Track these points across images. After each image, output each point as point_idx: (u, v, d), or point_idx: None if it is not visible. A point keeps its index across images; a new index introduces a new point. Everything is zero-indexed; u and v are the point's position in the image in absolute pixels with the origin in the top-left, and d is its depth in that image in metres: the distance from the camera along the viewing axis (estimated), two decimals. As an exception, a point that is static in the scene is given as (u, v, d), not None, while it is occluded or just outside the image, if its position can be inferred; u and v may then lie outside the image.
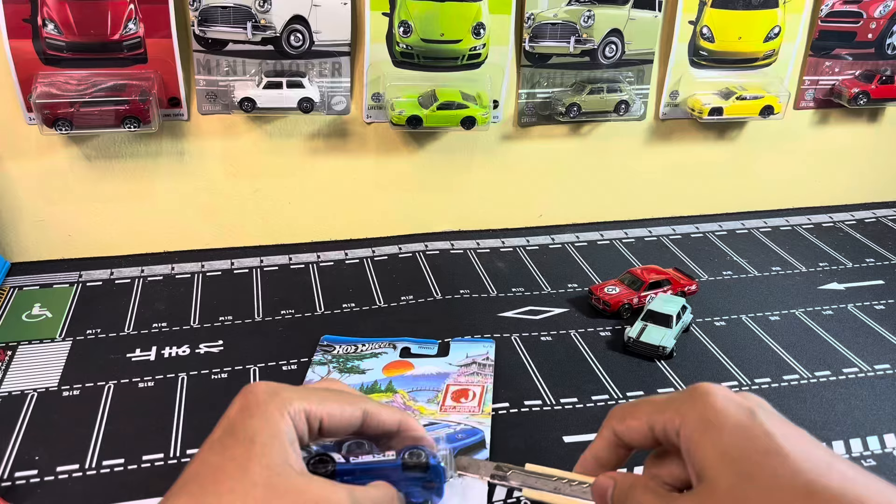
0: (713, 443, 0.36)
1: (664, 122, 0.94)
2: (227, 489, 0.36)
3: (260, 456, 0.37)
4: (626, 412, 0.41)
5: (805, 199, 1.03)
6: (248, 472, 0.36)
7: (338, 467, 0.43)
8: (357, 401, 0.44)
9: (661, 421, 0.39)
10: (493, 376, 0.66)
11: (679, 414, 0.38)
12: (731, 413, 0.37)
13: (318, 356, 0.68)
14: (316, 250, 0.89)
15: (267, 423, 0.38)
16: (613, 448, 0.43)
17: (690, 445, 0.37)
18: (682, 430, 0.37)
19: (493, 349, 0.70)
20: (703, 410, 0.37)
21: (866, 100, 0.94)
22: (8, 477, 0.54)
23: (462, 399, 0.63)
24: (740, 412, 0.37)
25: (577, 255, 0.89)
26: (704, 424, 0.37)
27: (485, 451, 0.57)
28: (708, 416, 0.37)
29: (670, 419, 0.38)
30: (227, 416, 0.40)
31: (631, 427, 0.41)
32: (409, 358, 0.68)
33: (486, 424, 0.60)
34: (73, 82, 0.75)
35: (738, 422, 0.36)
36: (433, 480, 0.47)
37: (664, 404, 0.39)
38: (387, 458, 0.45)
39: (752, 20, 0.89)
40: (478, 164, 0.91)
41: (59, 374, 0.66)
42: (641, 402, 0.41)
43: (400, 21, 0.80)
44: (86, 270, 0.83)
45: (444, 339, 0.71)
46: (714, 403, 0.37)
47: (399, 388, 0.64)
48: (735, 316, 0.77)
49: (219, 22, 0.77)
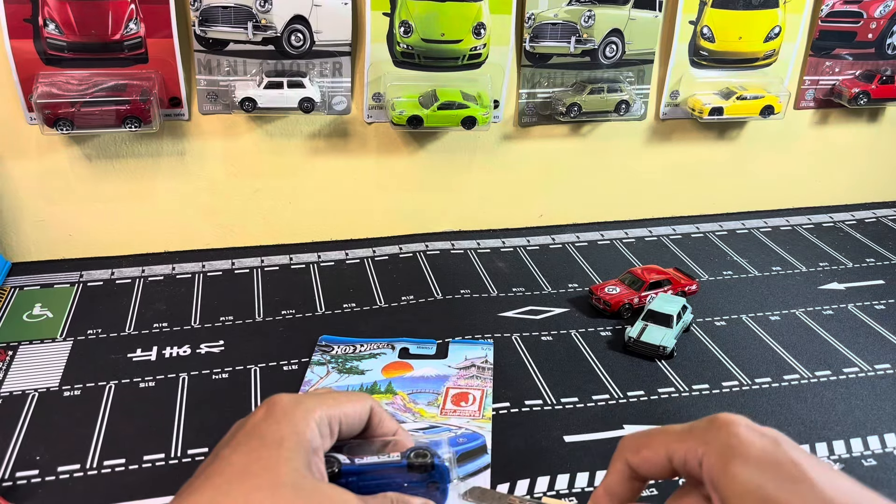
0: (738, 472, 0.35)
1: (664, 122, 0.94)
2: (254, 486, 0.36)
3: (288, 459, 0.37)
4: (641, 443, 0.40)
5: (805, 199, 1.03)
6: (277, 473, 0.36)
7: (343, 468, 0.43)
8: (362, 398, 0.44)
9: (682, 450, 0.38)
10: (492, 380, 0.66)
11: (702, 443, 0.37)
12: (755, 442, 0.36)
13: (317, 356, 0.68)
14: (316, 250, 0.89)
15: (294, 430, 0.39)
16: (628, 481, 0.41)
17: (714, 476, 0.36)
18: (705, 460, 0.36)
19: (492, 352, 0.69)
20: (727, 439, 0.36)
21: (866, 100, 0.94)
22: (9, 477, 0.54)
23: (462, 403, 0.63)
24: (765, 441, 0.36)
25: (578, 255, 0.89)
26: (728, 453, 0.36)
27: (486, 457, 0.57)
28: (733, 445, 0.36)
29: (692, 448, 0.37)
30: (249, 421, 0.40)
31: (646, 459, 0.39)
32: (407, 359, 0.68)
33: (486, 429, 0.60)
34: (74, 82, 0.75)
35: (763, 450, 0.35)
36: (437, 481, 0.46)
37: (684, 434, 0.38)
38: (392, 459, 0.44)
39: (752, 20, 0.89)
40: (478, 164, 0.91)
41: (59, 374, 0.66)
42: (656, 431, 0.40)
43: (400, 21, 0.80)
44: (86, 270, 0.83)
45: (443, 340, 0.71)
46: (738, 433, 0.36)
47: (399, 389, 0.64)
48: (735, 316, 0.77)
49: (220, 22, 0.77)
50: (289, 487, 0.36)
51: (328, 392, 0.44)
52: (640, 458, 0.40)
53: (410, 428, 0.58)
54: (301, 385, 0.64)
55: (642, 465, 0.40)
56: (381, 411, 0.45)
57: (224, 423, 0.44)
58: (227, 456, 0.38)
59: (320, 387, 0.64)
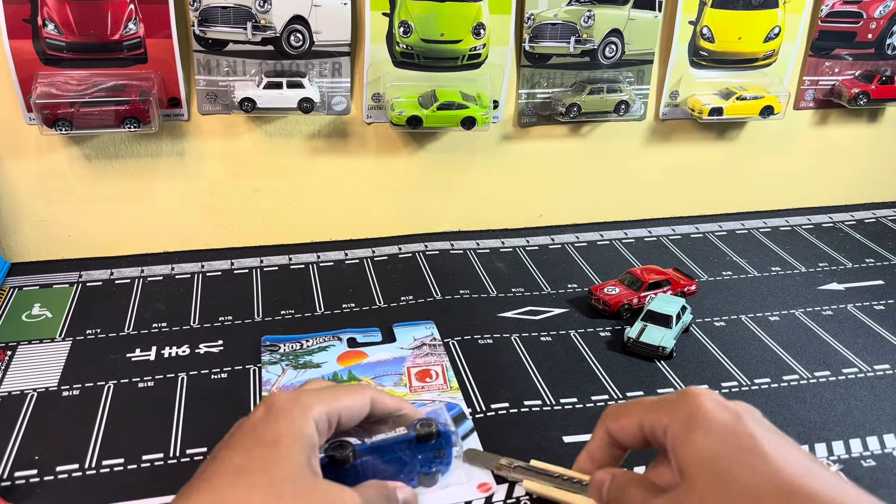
0: (696, 442, 0.37)
1: (664, 122, 0.94)
2: (251, 485, 0.36)
3: (284, 456, 0.38)
4: (619, 412, 0.43)
5: (805, 199, 1.03)
6: (273, 472, 0.37)
7: (358, 448, 0.46)
8: (361, 389, 0.45)
9: (650, 420, 0.40)
10: (446, 356, 0.68)
11: (668, 413, 0.39)
12: (717, 415, 0.38)
13: (266, 356, 0.68)
14: (316, 250, 0.89)
15: (292, 427, 0.40)
16: (608, 447, 0.44)
17: (675, 443, 0.38)
18: (668, 430, 0.39)
19: (436, 329, 0.72)
20: (690, 410, 0.38)
21: (866, 100, 0.94)
22: (7, 477, 0.54)
23: (427, 379, 0.65)
24: (726, 414, 0.38)
25: (577, 256, 0.89)
26: (690, 424, 0.38)
27: (468, 422, 0.60)
28: (695, 415, 0.38)
29: (658, 419, 0.39)
30: (248, 421, 0.41)
31: (623, 426, 0.42)
32: (358, 347, 0.69)
33: (458, 398, 0.63)
34: (73, 82, 0.75)
35: (723, 423, 0.37)
36: (443, 447, 0.50)
37: (655, 405, 0.41)
38: (400, 434, 0.48)
39: (752, 20, 0.89)
40: (478, 164, 0.91)
41: (58, 373, 0.66)
42: (634, 402, 0.43)
43: (400, 21, 0.80)
44: (86, 270, 0.83)
45: (384, 325, 0.73)
46: (702, 404, 0.38)
47: (361, 375, 0.65)
48: (735, 316, 0.77)
49: (219, 22, 0.77)
50: (286, 485, 0.36)
51: (327, 387, 0.45)
52: (618, 426, 0.43)
53: None
54: (262, 386, 0.64)
55: (619, 432, 0.43)
56: (382, 396, 0.46)
57: (223, 422, 0.44)
58: (225, 456, 0.38)
59: (280, 385, 0.64)
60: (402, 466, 0.50)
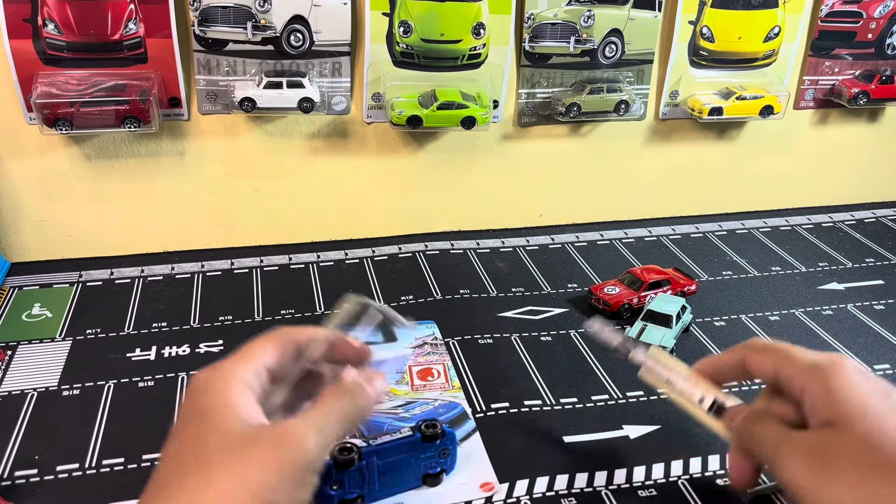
0: (851, 390, 0.40)
1: (664, 122, 0.94)
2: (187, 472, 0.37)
3: (212, 431, 0.38)
4: (763, 350, 0.46)
5: (805, 199, 1.03)
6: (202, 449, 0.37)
7: (364, 450, 0.48)
8: (275, 337, 0.44)
9: (788, 376, 0.43)
10: (447, 355, 0.68)
11: (811, 376, 0.42)
12: (868, 375, 0.42)
13: None
14: (316, 250, 0.89)
15: (215, 397, 0.40)
16: (736, 367, 0.47)
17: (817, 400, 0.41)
18: (807, 389, 0.42)
19: (437, 329, 0.72)
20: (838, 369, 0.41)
21: (866, 100, 0.94)
22: (8, 476, 0.54)
23: (429, 377, 0.66)
24: (876, 379, 0.42)
25: (577, 255, 0.89)
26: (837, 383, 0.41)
27: (470, 422, 0.60)
28: (845, 371, 0.41)
29: (798, 377, 0.42)
30: (180, 409, 0.41)
31: (760, 363, 0.45)
32: None
33: (460, 398, 0.63)
34: (74, 82, 0.75)
35: (875, 382, 0.41)
36: (448, 447, 0.52)
37: (798, 360, 0.43)
38: (405, 435, 0.50)
39: (752, 20, 0.89)
40: (478, 164, 0.91)
41: (58, 373, 0.66)
42: (781, 348, 0.45)
43: (400, 21, 0.80)
44: (86, 270, 0.83)
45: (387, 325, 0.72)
46: (850, 372, 0.41)
47: None
48: (735, 316, 0.77)
49: (219, 22, 0.77)
50: (215, 455, 0.37)
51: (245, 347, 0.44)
52: (756, 362, 0.46)
53: (388, 407, 0.61)
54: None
55: (755, 365, 0.46)
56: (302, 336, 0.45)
57: (223, 422, 0.44)
58: (163, 453, 0.39)
59: None
60: (407, 467, 0.51)
